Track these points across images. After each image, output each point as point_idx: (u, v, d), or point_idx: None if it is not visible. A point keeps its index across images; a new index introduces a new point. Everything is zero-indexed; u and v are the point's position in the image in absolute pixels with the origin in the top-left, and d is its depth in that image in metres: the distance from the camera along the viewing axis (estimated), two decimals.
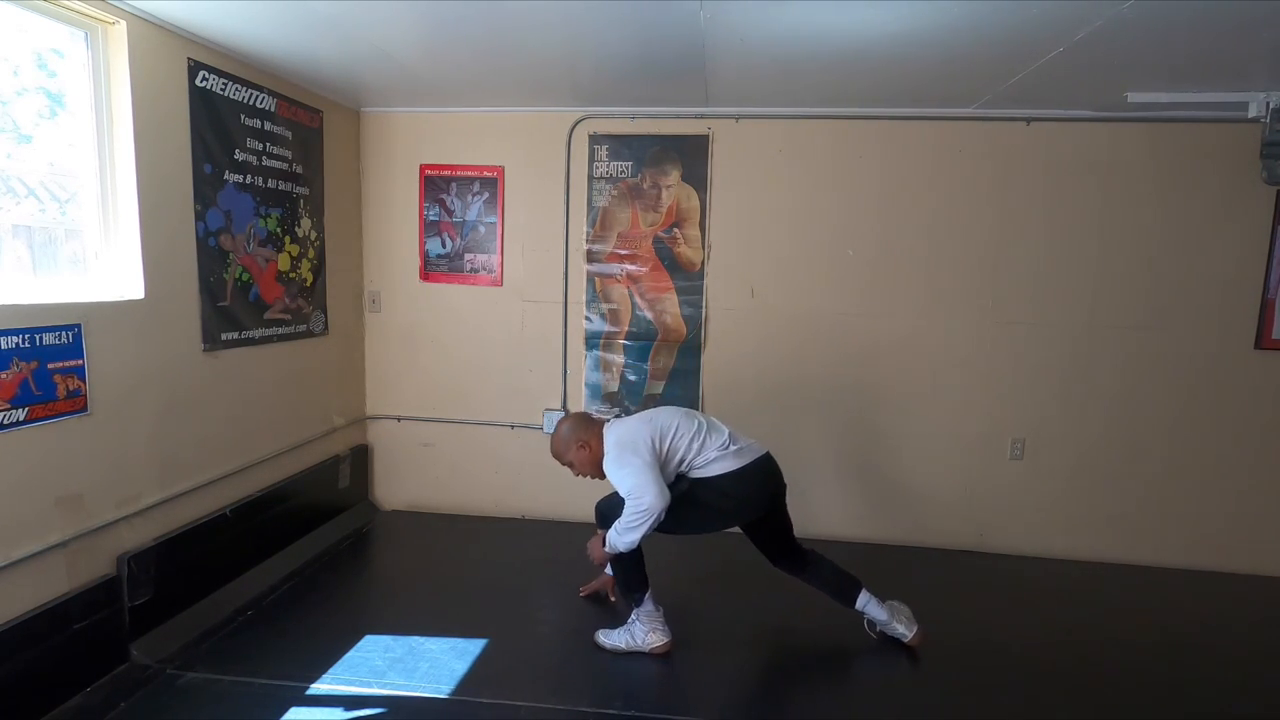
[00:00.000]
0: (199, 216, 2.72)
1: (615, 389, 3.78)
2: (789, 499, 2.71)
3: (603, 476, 2.57)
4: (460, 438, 3.90)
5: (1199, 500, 3.49)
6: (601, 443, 2.55)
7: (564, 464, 2.66)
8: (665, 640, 2.58)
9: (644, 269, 3.69)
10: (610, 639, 2.63)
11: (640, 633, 2.59)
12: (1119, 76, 2.78)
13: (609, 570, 2.82)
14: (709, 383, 3.72)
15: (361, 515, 3.83)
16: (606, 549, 2.53)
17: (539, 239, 3.73)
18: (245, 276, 2.98)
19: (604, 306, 3.74)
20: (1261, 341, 3.37)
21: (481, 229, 3.76)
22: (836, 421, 3.67)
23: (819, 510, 3.72)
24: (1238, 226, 3.33)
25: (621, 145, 3.62)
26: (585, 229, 3.70)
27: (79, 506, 2.28)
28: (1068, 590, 3.26)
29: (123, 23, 2.38)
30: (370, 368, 3.95)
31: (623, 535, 2.40)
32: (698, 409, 3.73)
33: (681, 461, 2.53)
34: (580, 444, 2.59)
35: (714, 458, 2.53)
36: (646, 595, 2.61)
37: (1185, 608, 3.15)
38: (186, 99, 2.64)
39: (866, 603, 2.66)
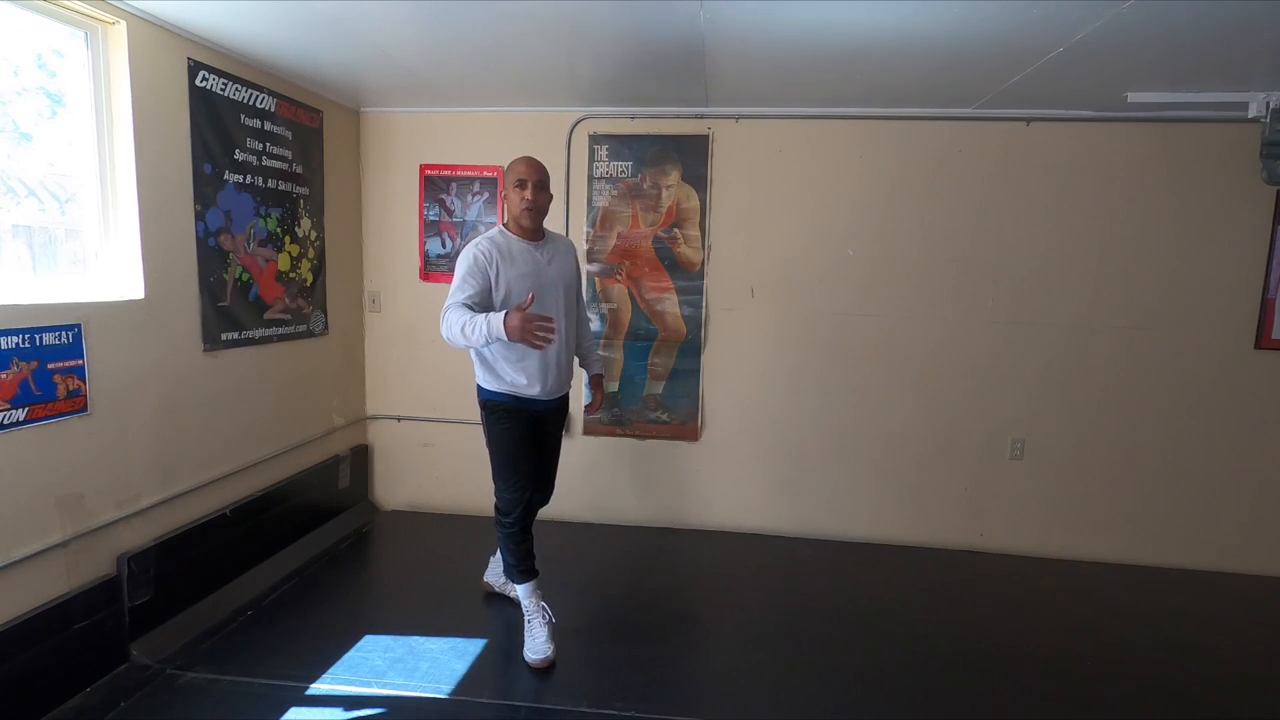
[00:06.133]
0: (199, 216, 2.72)
1: (615, 389, 3.78)
2: None
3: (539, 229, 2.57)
4: (460, 438, 3.90)
5: (1199, 500, 3.49)
6: None
7: (538, 182, 2.50)
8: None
9: (644, 269, 3.69)
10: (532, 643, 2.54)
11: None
12: (1119, 76, 2.78)
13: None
14: (709, 383, 3.72)
15: (361, 515, 3.83)
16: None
17: None
18: (245, 276, 2.98)
19: (604, 306, 3.74)
20: (1261, 341, 3.37)
21: (481, 229, 3.75)
22: (836, 421, 3.67)
23: (818, 509, 3.72)
24: (1238, 226, 3.33)
25: (621, 145, 3.62)
26: (585, 229, 3.70)
27: (79, 506, 2.28)
28: (1068, 590, 3.26)
29: (123, 23, 2.38)
30: (370, 368, 3.95)
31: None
32: (698, 409, 3.74)
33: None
34: None
35: None
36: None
37: (1185, 608, 3.15)
38: (186, 99, 2.64)
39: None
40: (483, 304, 2.39)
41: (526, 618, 2.60)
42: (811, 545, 3.64)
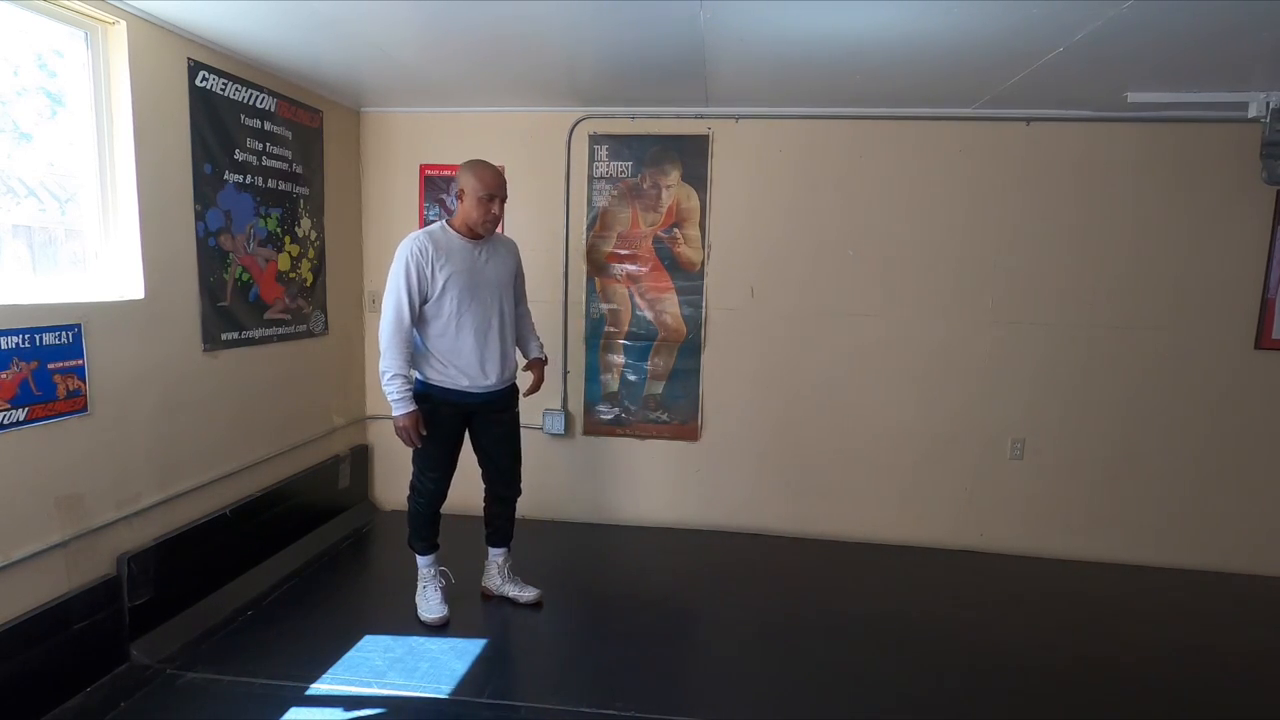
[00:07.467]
0: (199, 216, 2.72)
1: (615, 389, 3.78)
2: None
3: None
4: None
5: (1199, 500, 3.49)
6: None
7: (504, 197, 2.66)
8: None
9: (644, 269, 3.69)
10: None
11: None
12: (1119, 76, 2.78)
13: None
14: (709, 383, 3.72)
15: (361, 515, 3.83)
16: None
17: (539, 239, 3.72)
18: (245, 276, 2.98)
19: (604, 306, 3.74)
20: (1261, 341, 3.37)
21: None
22: (836, 421, 3.67)
23: (818, 509, 3.72)
24: (1238, 226, 3.33)
25: (621, 145, 3.62)
26: (585, 229, 3.70)
27: (79, 506, 2.28)
28: (1068, 590, 3.26)
29: (123, 23, 2.38)
30: (370, 368, 3.95)
31: None
32: (697, 409, 3.73)
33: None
34: None
35: None
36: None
37: (1185, 608, 3.15)
38: (186, 99, 2.64)
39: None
40: (413, 318, 2.58)
41: (420, 583, 2.81)
42: (811, 545, 3.64)
